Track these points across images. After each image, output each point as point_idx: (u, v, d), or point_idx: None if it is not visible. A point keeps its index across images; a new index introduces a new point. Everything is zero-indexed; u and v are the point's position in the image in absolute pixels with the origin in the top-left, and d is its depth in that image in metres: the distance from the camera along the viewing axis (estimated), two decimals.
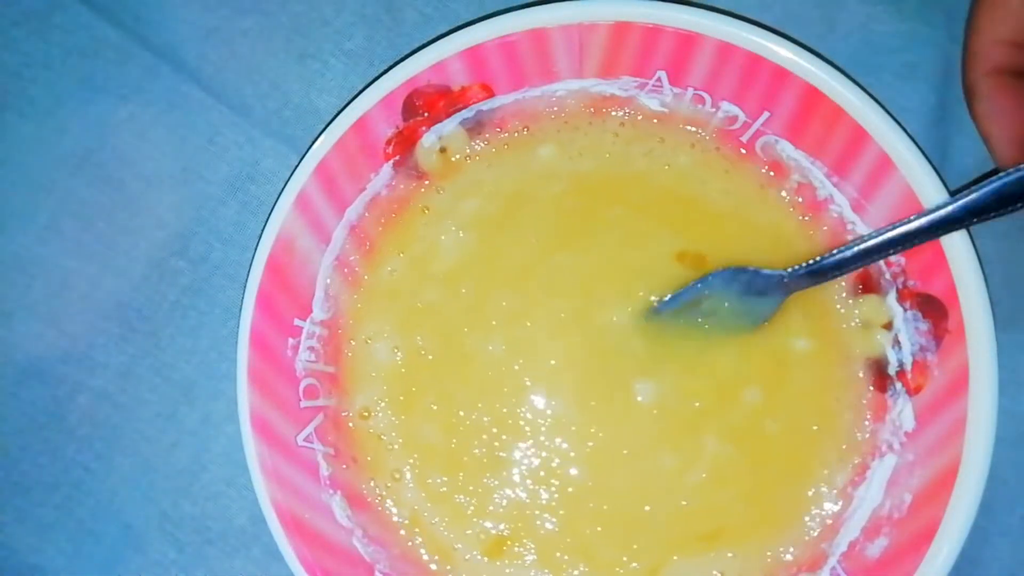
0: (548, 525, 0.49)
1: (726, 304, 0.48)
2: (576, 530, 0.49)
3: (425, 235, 0.51)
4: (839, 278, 0.47)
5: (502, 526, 0.49)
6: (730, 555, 0.48)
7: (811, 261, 0.46)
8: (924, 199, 0.44)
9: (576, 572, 0.49)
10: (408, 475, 0.50)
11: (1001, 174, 0.42)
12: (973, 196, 0.42)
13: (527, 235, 0.50)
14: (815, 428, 0.48)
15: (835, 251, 0.45)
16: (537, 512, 0.49)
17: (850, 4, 0.50)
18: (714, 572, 0.48)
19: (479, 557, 0.49)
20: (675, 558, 0.48)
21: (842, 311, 0.49)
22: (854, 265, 0.45)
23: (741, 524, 0.48)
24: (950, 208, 0.43)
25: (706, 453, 0.48)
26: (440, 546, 0.50)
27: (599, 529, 0.49)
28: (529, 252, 0.50)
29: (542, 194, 0.50)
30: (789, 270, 0.46)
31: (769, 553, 0.48)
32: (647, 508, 0.48)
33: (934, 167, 0.44)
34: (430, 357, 0.50)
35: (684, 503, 0.48)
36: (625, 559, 0.49)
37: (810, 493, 0.48)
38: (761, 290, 0.47)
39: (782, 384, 0.49)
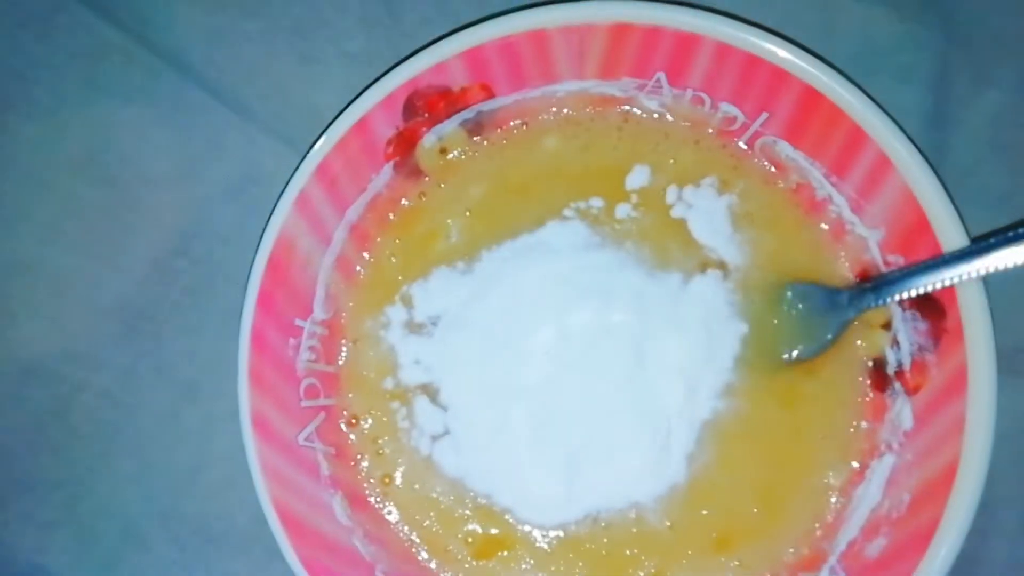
0: (544, 531, 0.49)
1: (785, 313, 0.48)
2: (575, 535, 0.49)
3: (429, 225, 0.51)
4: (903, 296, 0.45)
5: (494, 531, 0.49)
6: (736, 563, 0.48)
7: (876, 277, 0.46)
8: (923, 200, 0.44)
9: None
10: (400, 479, 0.50)
11: None
12: None
13: (537, 204, 0.50)
14: (826, 426, 0.48)
15: (900, 270, 0.45)
16: (532, 515, 0.49)
17: (849, 6, 0.51)
18: None
19: (471, 559, 0.49)
20: (683, 562, 0.48)
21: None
22: (919, 285, 0.44)
23: (748, 526, 0.48)
24: None
25: (713, 453, 0.49)
26: (436, 547, 0.50)
27: (599, 534, 0.49)
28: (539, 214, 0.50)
29: (554, 174, 0.50)
30: (852, 286, 0.46)
31: (771, 554, 0.48)
32: (652, 514, 0.49)
33: (932, 168, 0.44)
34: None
35: (694, 506, 0.48)
36: (631, 571, 0.49)
37: (813, 491, 0.48)
38: (824, 308, 0.47)
39: (788, 378, 0.49)
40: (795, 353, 0.48)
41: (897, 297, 0.45)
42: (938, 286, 0.44)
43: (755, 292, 0.49)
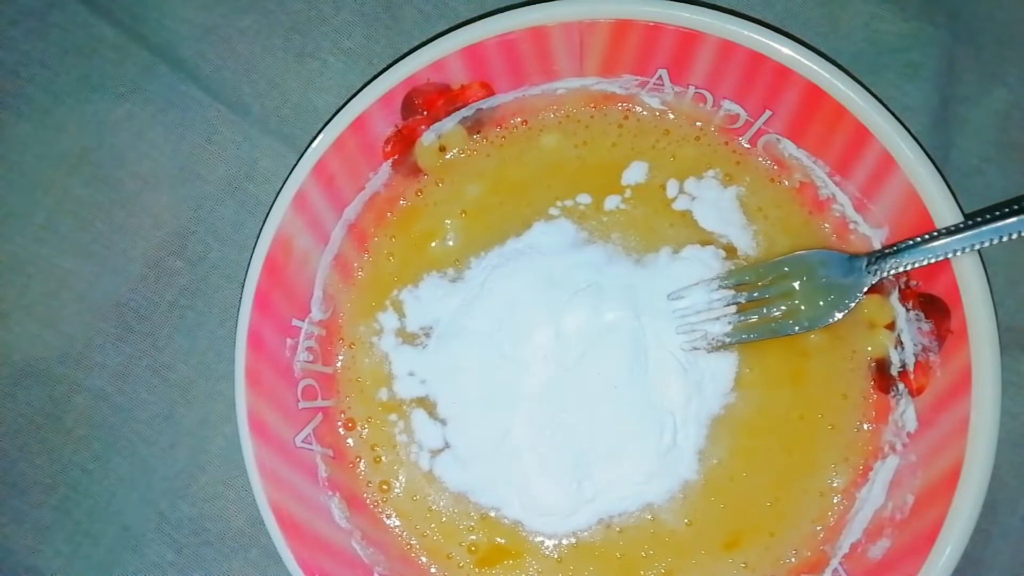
0: (556, 539, 0.49)
1: (803, 281, 0.47)
2: (588, 541, 0.49)
3: (427, 225, 0.50)
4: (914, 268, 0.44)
5: (500, 540, 0.49)
6: (742, 565, 0.48)
7: (895, 244, 0.45)
8: (927, 199, 0.44)
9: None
10: (399, 488, 0.50)
11: None
12: None
13: (527, 205, 0.50)
14: (831, 427, 0.48)
15: (920, 237, 0.44)
16: (543, 525, 0.49)
17: (853, 3, 0.50)
18: None
19: (473, 567, 0.49)
20: (693, 562, 0.48)
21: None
22: (938, 252, 0.43)
23: (759, 522, 0.48)
24: None
25: (726, 447, 0.48)
26: (437, 554, 0.49)
27: (613, 538, 0.49)
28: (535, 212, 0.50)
29: (550, 172, 0.50)
30: (872, 252, 0.46)
31: (777, 555, 0.48)
32: (668, 513, 0.48)
33: (937, 167, 0.44)
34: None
35: (711, 501, 0.48)
36: (641, 573, 0.48)
37: (817, 493, 0.48)
38: (842, 273, 0.46)
39: (798, 378, 0.49)
40: (809, 323, 0.47)
41: (915, 264, 0.44)
42: (958, 252, 0.43)
43: (763, 265, 0.48)
